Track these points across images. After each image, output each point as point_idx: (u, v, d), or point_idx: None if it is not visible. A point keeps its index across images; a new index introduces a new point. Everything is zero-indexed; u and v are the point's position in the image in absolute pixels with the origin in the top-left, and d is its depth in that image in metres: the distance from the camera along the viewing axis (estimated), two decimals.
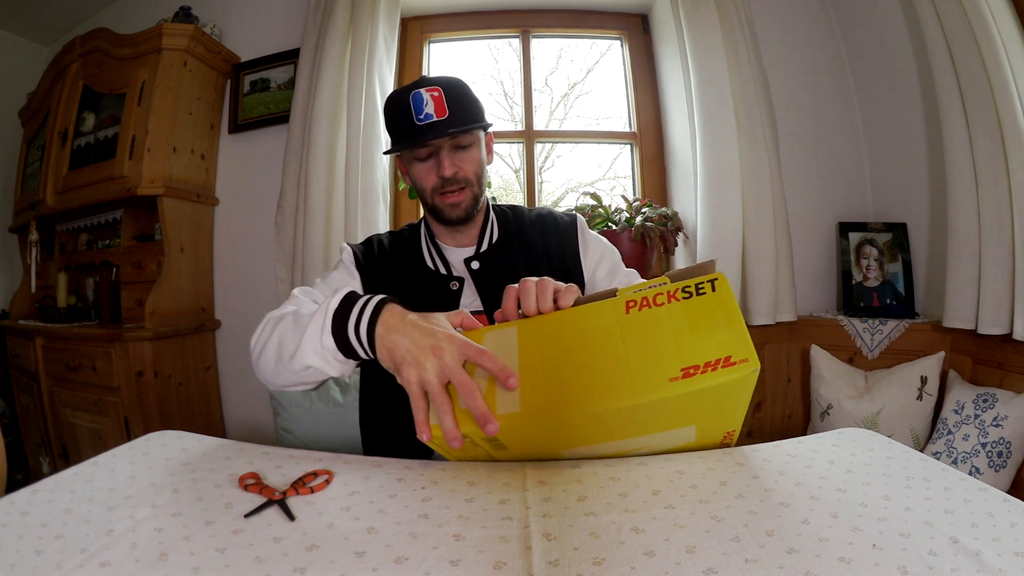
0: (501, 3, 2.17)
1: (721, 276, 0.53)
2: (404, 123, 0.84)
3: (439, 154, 0.86)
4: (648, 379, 0.50)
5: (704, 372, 0.48)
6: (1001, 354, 1.38)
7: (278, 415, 1.80)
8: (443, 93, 0.83)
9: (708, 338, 0.50)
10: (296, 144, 1.89)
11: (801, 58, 1.96)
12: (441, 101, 0.82)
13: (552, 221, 1.01)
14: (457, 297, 0.89)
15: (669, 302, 0.53)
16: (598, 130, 2.30)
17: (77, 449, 1.91)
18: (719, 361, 0.48)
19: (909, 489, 0.54)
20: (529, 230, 0.98)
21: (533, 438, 0.57)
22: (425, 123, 0.82)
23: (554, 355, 0.55)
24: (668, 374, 0.49)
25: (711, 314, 0.51)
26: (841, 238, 1.82)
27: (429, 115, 0.82)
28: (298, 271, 1.86)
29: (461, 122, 0.84)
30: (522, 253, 0.95)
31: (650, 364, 0.50)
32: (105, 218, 2.17)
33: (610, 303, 0.55)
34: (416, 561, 0.45)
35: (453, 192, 0.87)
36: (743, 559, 0.43)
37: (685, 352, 0.50)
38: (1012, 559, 0.42)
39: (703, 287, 0.52)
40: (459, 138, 0.86)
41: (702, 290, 0.52)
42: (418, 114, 0.82)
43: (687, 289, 0.53)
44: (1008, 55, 1.27)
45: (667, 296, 0.53)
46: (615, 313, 0.54)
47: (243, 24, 2.16)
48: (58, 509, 0.53)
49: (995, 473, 1.25)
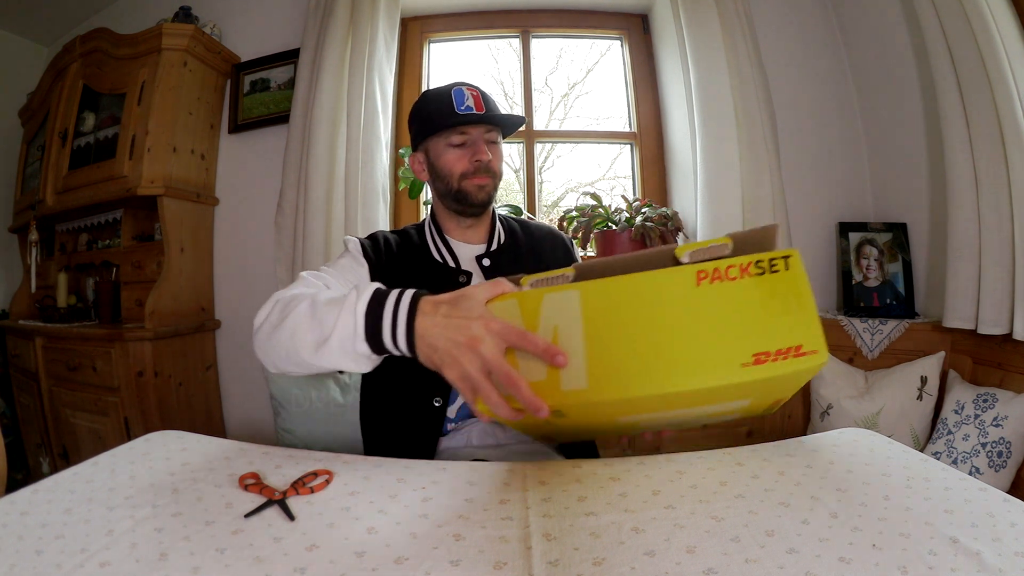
0: (501, 3, 2.17)
1: (794, 253, 0.50)
2: (446, 111, 0.89)
3: (475, 142, 0.91)
4: (721, 362, 0.49)
5: (775, 360, 0.48)
6: (1001, 354, 1.38)
7: (278, 415, 1.79)
8: (480, 95, 0.91)
9: (780, 321, 0.49)
10: (296, 144, 1.89)
11: (801, 58, 1.96)
12: (480, 99, 0.90)
13: (560, 237, 1.08)
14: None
15: (742, 277, 0.50)
16: (598, 130, 2.31)
17: (77, 449, 1.91)
18: (790, 349, 0.48)
19: (909, 489, 0.54)
20: (539, 239, 1.04)
21: (595, 411, 0.56)
22: (466, 113, 0.89)
23: (621, 326, 0.53)
24: (740, 359, 0.48)
25: (784, 294, 0.49)
26: (841, 238, 1.82)
27: (470, 108, 0.89)
28: (298, 271, 1.85)
29: (498, 120, 0.92)
30: (532, 259, 0.99)
31: (723, 346, 0.49)
32: (105, 218, 2.17)
33: (680, 272, 0.52)
34: (416, 561, 0.45)
35: (481, 177, 0.91)
36: (743, 559, 0.43)
37: (757, 335, 0.49)
38: (1012, 559, 0.42)
39: (776, 263, 0.50)
40: (492, 132, 0.93)
41: (775, 267, 0.50)
42: (459, 105, 0.89)
43: (760, 264, 0.50)
44: (1008, 55, 1.27)
45: (739, 270, 0.50)
46: (686, 283, 0.51)
47: (243, 24, 2.16)
48: (58, 509, 0.53)
49: (995, 473, 1.25)
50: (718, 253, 0.53)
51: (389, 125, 1.92)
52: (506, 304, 0.57)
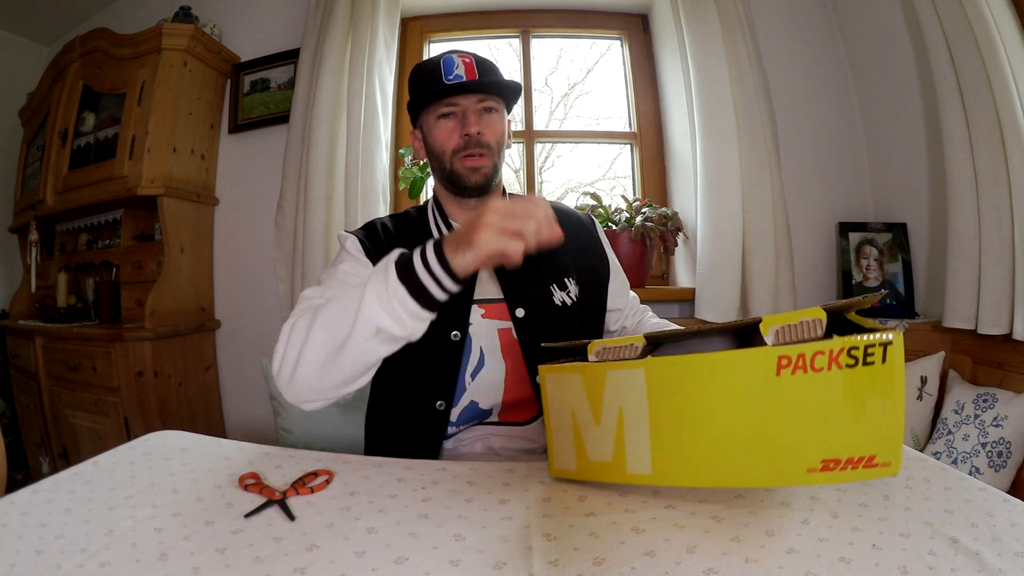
0: (501, 3, 2.17)
1: (897, 339, 0.44)
2: (432, 82, 0.83)
3: (465, 114, 0.84)
4: (787, 465, 0.46)
5: (844, 469, 0.45)
6: (1001, 354, 1.38)
7: (278, 415, 1.79)
8: (474, 61, 0.84)
9: (860, 425, 0.44)
10: (296, 144, 1.89)
11: (801, 58, 1.96)
12: (472, 67, 0.83)
13: (576, 216, 1.00)
14: (472, 279, 0.85)
15: (829, 368, 0.44)
16: (598, 130, 2.30)
17: (77, 449, 1.91)
18: (862, 459, 0.44)
19: (909, 489, 0.54)
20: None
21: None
22: (453, 83, 0.82)
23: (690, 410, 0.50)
24: (808, 463, 0.45)
25: (872, 393, 0.44)
26: (841, 238, 1.82)
27: (459, 76, 0.82)
28: (298, 271, 1.86)
29: (490, 87, 0.85)
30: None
31: (793, 448, 0.46)
32: (105, 218, 2.17)
33: (760, 357, 0.46)
34: (416, 561, 0.45)
35: (474, 156, 0.84)
36: (743, 559, 0.43)
37: (832, 440, 0.45)
38: (1012, 559, 0.42)
39: (872, 354, 0.44)
40: (486, 101, 0.85)
41: (871, 358, 0.44)
42: (447, 74, 0.82)
43: (853, 352, 0.44)
44: (1008, 55, 1.27)
45: (828, 359, 0.44)
46: (765, 371, 0.46)
47: (243, 24, 2.16)
48: (58, 509, 0.53)
49: (995, 473, 1.25)
50: (808, 333, 0.46)
51: (389, 125, 1.92)
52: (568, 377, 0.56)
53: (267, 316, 2.04)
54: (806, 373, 0.45)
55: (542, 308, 0.86)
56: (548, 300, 0.87)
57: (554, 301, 0.87)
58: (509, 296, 0.85)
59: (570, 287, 0.90)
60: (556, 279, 0.89)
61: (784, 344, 0.46)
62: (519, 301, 0.85)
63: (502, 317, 0.85)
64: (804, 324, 0.46)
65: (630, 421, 0.53)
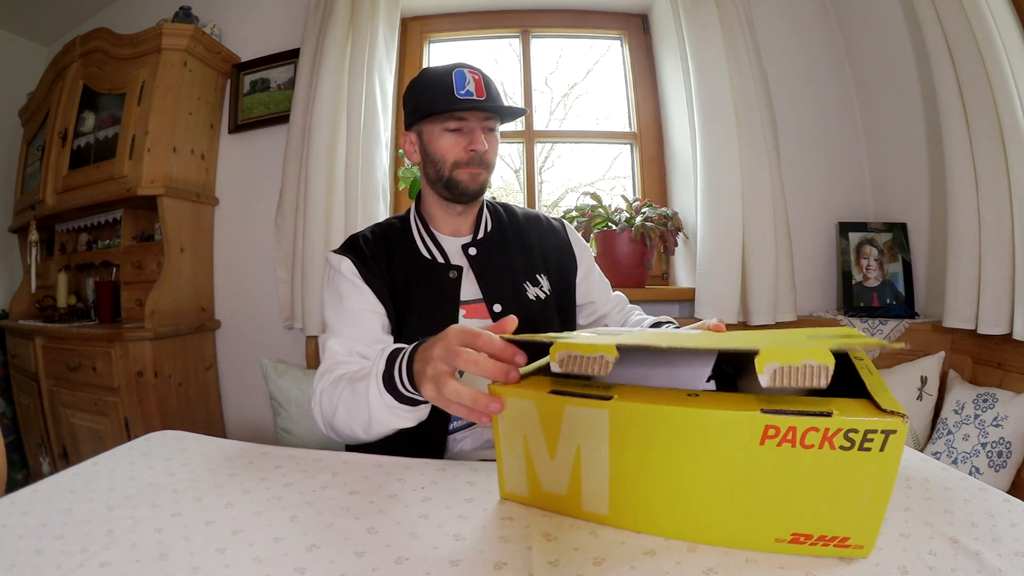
0: (501, 3, 2.17)
1: (902, 429, 0.38)
2: (444, 93, 0.85)
3: (472, 130, 0.87)
4: (756, 532, 0.44)
5: (814, 544, 0.42)
6: (1001, 354, 1.38)
7: (278, 415, 1.80)
8: (482, 79, 0.87)
9: (840, 510, 0.41)
10: (296, 144, 1.89)
11: (801, 58, 1.96)
12: (481, 84, 0.86)
13: (547, 222, 1.06)
14: (457, 285, 0.90)
15: (820, 447, 0.40)
16: (598, 130, 2.30)
17: (77, 449, 1.91)
18: (835, 539, 0.42)
19: (909, 489, 0.54)
20: (524, 226, 1.02)
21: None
22: (466, 99, 0.85)
23: (655, 461, 0.46)
24: (777, 533, 0.43)
25: (863, 481, 0.40)
26: (841, 238, 1.82)
27: (470, 92, 0.85)
28: (298, 271, 1.86)
29: (503, 111, 0.88)
30: (518, 246, 0.98)
31: (764, 517, 0.43)
32: (105, 218, 2.17)
33: (744, 423, 0.41)
34: (416, 561, 0.45)
35: (476, 168, 0.89)
36: (743, 559, 0.43)
37: (807, 514, 0.42)
38: (1012, 559, 0.42)
39: (872, 440, 0.39)
40: (491, 120, 0.89)
41: (869, 444, 0.39)
42: (459, 89, 0.85)
43: (851, 435, 0.39)
44: (1008, 55, 1.27)
45: (822, 437, 0.39)
46: (748, 439, 0.41)
47: (243, 24, 2.16)
48: (58, 509, 0.53)
49: (995, 473, 1.25)
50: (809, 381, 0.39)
51: (389, 125, 1.92)
52: (523, 404, 0.51)
53: (267, 316, 2.04)
54: (793, 448, 0.40)
55: (518, 303, 0.91)
56: (523, 295, 0.93)
57: (528, 296, 0.93)
58: (487, 294, 0.91)
59: (542, 282, 0.97)
60: (529, 276, 0.95)
61: (779, 387, 0.40)
62: (496, 298, 0.91)
63: (483, 315, 0.90)
64: (807, 368, 0.39)
65: (588, 461, 0.49)
